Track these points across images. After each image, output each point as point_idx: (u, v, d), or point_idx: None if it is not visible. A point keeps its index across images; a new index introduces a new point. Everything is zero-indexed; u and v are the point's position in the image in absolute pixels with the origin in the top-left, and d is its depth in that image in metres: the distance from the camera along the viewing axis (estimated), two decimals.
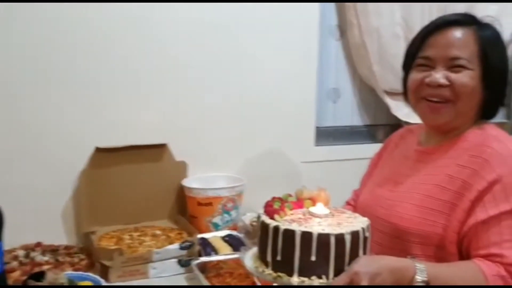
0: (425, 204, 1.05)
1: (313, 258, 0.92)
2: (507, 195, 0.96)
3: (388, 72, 2.12)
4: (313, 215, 1.02)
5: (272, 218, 0.99)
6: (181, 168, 1.83)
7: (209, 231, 1.74)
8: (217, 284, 1.34)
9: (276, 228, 0.95)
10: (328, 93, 2.20)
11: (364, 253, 0.95)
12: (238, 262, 1.50)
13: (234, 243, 1.66)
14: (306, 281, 0.92)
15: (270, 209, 1.02)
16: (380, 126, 2.32)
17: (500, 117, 2.52)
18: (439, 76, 1.05)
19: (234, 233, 1.75)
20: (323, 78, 2.12)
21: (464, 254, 1.01)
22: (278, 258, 0.95)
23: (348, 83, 2.23)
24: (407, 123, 2.17)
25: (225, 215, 1.77)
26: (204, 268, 1.44)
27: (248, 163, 1.98)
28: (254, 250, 1.09)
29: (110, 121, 1.74)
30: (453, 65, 1.05)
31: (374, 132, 2.31)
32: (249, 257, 1.06)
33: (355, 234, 0.93)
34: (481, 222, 0.96)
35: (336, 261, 0.92)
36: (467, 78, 1.04)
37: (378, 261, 0.92)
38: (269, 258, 0.97)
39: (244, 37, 1.89)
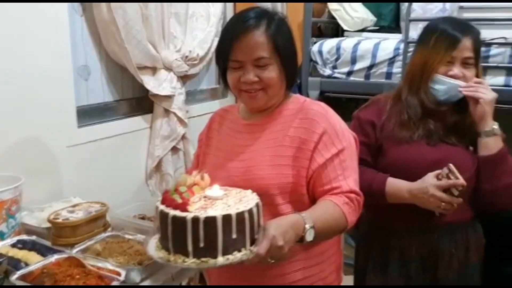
0: (276, 162, 1.28)
1: (234, 236, 1.02)
2: (333, 141, 1.28)
3: (134, 48, 2.20)
4: (212, 198, 1.10)
5: (184, 210, 1.03)
6: None
7: None
8: None
9: (196, 219, 1.00)
10: (79, 71, 2.11)
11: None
12: (59, 263, 1.41)
13: (35, 247, 1.51)
14: (231, 257, 1.02)
15: (176, 203, 1.04)
16: (128, 100, 2.38)
17: (212, 83, 3.01)
18: (250, 75, 1.28)
19: (24, 237, 1.57)
20: (72, 55, 2.01)
21: (310, 193, 1.30)
22: (201, 245, 1.01)
23: (95, 60, 2.18)
24: (155, 95, 2.34)
25: (10, 220, 1.55)
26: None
27: (10, 157, 1.74)
28: (152, 245, 1.10)
29: None
30: (259, 64, 1.28)
31: (124, 106, 2.36)
32: (157, 255, 1.07)
33: (258, 205, 1.09)
34: (320, 165, 1.26)
35: (250, 233, 1.05)
36: (272, 72, 1.29)
37: (281, 222, 1.09)
38: (190, 247, 1.01)
39: None
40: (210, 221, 1.00)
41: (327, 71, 2.80)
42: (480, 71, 1.60)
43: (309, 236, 1.11)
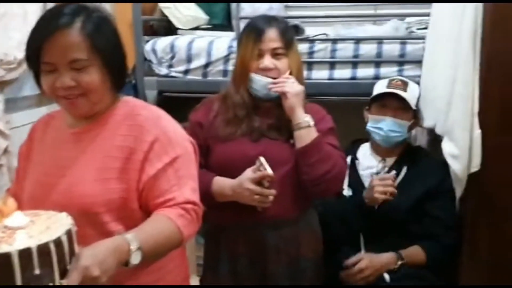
0: (102, 176, 1.16)
1: (36, 271, 0.89)
2: (165, 150, 1.19)
3: None
4: (12, 228, 0.94)
5: None
6: None
7: None
8: None
9: None
10: None
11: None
12: None
13: None
14: None
15: None
16: None
17: (37, 89, 2.72)
18: (66, 79, 1.14)
19: None
20: None
21: (144, 207, 1.20)
22: None
23: None
24: None
25: None
26: None
27: None
28: None
29: None
30: (76, 67, 1.14)
31: None
32: None
33: (69, 232, 0.95)
34: (152, 176, 1.17)
35: (59, 265, 0.92)
36: (92, 75, 1.15)
37: (98, 249, 0.96)
38: None
39: None
40: (4, 259, 0.86)
41: (164, 70, 2.72)
42: (296, 63, 1.68)
43: (135, 259, 1.02)
